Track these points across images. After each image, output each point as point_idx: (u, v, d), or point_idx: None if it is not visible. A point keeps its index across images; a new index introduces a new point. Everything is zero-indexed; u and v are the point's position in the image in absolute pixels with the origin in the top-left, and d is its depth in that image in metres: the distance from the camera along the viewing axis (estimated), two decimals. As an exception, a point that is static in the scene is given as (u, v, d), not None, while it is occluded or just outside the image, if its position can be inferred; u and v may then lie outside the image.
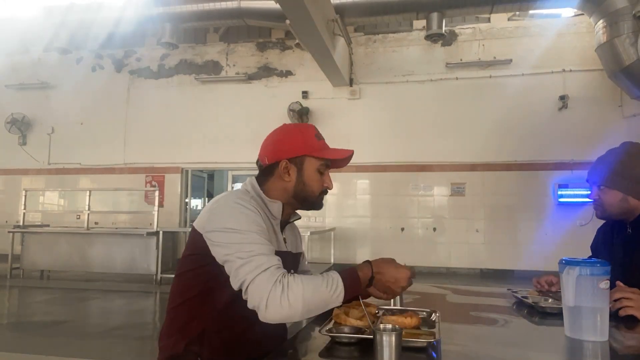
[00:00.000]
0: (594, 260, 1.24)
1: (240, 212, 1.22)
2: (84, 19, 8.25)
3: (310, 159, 1.37)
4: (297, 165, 1.36)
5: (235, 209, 1.23)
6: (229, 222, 1.20)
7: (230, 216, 1.21)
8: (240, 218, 1.20)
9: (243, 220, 1.20)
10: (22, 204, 7.80)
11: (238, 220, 1.20)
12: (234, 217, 1.21)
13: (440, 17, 7.15)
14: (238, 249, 1.15)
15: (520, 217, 8.01)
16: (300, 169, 1.36)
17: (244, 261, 1.13)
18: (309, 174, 1.37)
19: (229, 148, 8.89)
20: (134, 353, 3.92)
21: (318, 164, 1.38)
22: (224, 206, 1.25)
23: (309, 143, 1.37)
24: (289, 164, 1.35)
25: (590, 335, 1.20)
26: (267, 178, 1.39)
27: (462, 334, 1.35)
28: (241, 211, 1.22)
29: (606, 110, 7.80)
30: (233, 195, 1.29)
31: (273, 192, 1.38)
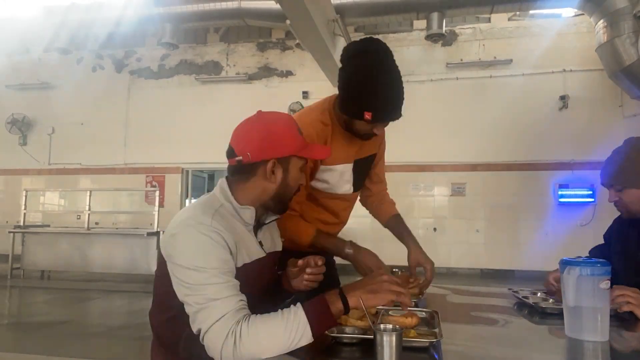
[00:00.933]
0: (594, 261, 1.24)
1: (202, 246, 1.11)
2: (84, 19, 8.26)
3: (295, 158, 1.25)
4: (283, 166, 1.23)
5: (198, 242, 1.12)
6: (190, 258, 1.10)
7: (192, 252, 1.11)
8: (201, 255, 1.10)
9: (204, 257, 1.10)
10: (23, 204, 7.81)
11: (199, 257, 1.10)
12: (196, 252, 1.11)
13: (441, 17, 7.15)
14: (195, 291, 1.07)
15: (520, 217, 8.01)
16: (286, 170, 1.24)
17: (200, 307, 1.06)
18: (294, 175, 1.26)
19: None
20: (134, 353, 3.92)
21: (301, 163, 1.28)
22: (187, 237, 1.13)
23: (296, 141, 1.24)
24: (276, 164, 1.21)
25: (591, 335, 1.20)
26: (245, 178, 1.24)
27: (463, 334, 1.35)
28: (204, 245, 1.11)
29: (606, 110, 7.80)
30: (193, 217, 1.16)
31: (247, 195, 1.24)
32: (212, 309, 1.05)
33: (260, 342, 1.02)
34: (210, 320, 1.04)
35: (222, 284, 1.08)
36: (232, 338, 1.01)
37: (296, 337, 1.03)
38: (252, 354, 1.02)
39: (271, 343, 1.02)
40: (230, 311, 1.05)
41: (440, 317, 1.32)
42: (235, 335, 1.02)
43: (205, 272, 1.08)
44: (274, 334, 1.02)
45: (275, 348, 1.02)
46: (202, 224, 1.13)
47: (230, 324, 1.03)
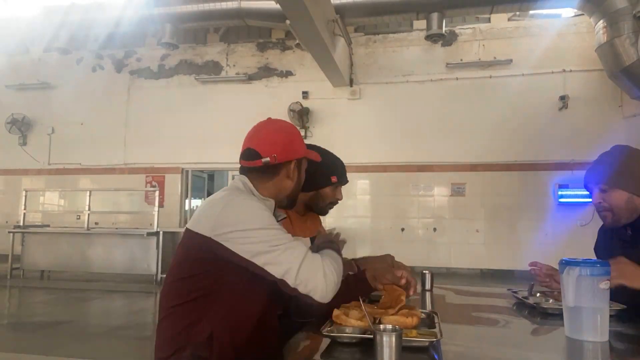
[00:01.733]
0: (594, 261, 1.24)
1: (256, 209, 1.22)
2: (84, 19, 8.26)
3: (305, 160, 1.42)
4: (298, 166, 1.38)
5: (249, 207, 1.22)
6: (250, 220, 1.19)
7: (249, 214, 1.20)
8: (259, 214, 1.21)
9: (262, 217, 1.21)
10: (23, 204, 7.81)
11: (258, 217, 1.21)
12: (253, 214, 1.21)
13: (441, 17, 7.15)
14: (273, 240, 1.17)
15: (520, 218, 8.01)
16: (300, 170, 1.40)
17: (284, 248, 1.17)
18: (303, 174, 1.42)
19: (229, 148, 8.78)
20: (134, 353, 3.92)
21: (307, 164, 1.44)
22: (237, 206, 1.22)
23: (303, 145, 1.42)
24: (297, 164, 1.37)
25: (590, 335, 1.20)
26: (268, 177, 1.34)
27: (463, 334, 1.35)
28: (256, 208, 1.23)
29: (606, 111, 7.80)
30: (235, 195, 1.26)
31: (268, 192, 1.35)
32: (297, 248, 1.19)
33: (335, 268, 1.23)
34: (301, 256, 1.18)
35: (286, 233, 1.23)
36: (322, 270, 1.18)
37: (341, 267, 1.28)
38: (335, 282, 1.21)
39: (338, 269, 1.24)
40: (308, 248, 1.23)
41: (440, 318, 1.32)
42: (323, 267, 1.19)
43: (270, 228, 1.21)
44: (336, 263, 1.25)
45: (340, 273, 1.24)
46: (244, 195, 1.28)
47: (317, 257, 1.21)
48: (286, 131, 1.38)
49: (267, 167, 1.32)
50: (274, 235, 1.18)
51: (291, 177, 1.36)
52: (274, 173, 1.34)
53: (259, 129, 1.39)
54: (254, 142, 1.36)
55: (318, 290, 1.15)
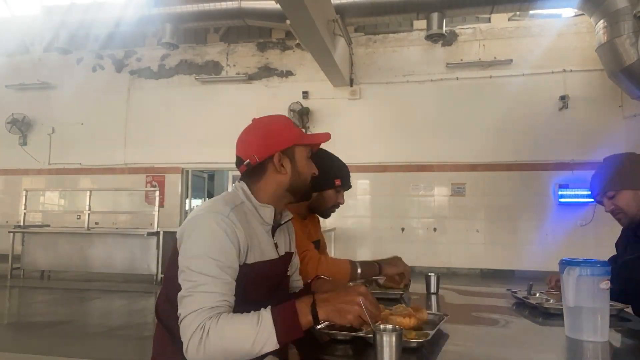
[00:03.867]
0: (594, 261, 1.24)
1: (211, 235, 1.15)
2: (84, 19, 8.26)
3: (299, 147, 1.33)
4: (289, 157, 1.31)
5: (209, 229, 1.16)
6: (196, 244, 1.15)
7: (200, 237, 1.16)
8: (208, 242, 1.14)
9: (210, 245, 1.13)
10: (23, 204, 7.80)
11: (205, 244, 1.14)
12: (203, 239, 1.15)
13: (441, 17, 7.15)
14: (188, 277, 1.11)
15: (520, 218, 8.01)
16: (293, 160, 1.32)
17: (186, 293, 1.10)
18: (302, 163, 1.33)
19: (229, 148, 8.71)
20: (134, 353, 3.92)
21: (306, 151, 1.35)
22: (201, 222, 1.18)
23: (294, 132, 1.33)
24: (282, 156, 1.29)
25: (591, 335, 1.20)
26: (258, 177, 1.31)
27: (463, 335, 1.35)
28: (214, 234, 1.15)
29: (606, 111, 7.80)
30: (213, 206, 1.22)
31: (265, 192, 1.31)
32: (194, 299, 1.08)
33: (224, 343, 1.03)
34: (188, 310, 1.07)
35: (214, 278, 1.10)
36: (200, 333, 1.03)
37: (260, 342, 1.03)
38: (214, 353, 1.03)
39: (235, 345, 1.03)
40: (207, 307, 1.07)
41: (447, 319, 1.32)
42: (202, 330, 1.03)
43: (204, 260, 1.12)
44: (239, 336, 1.03)
45: (238, 350, 1.03)
46: (219, 213, 1.18)
47: (202, 318, 1.05)
48: (262, 127, 1.33)
49: (253, 169, 1.30)
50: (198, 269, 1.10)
51: (280, 170, 1.29)
52: (262, 172, 1.31)
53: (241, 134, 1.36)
54: (237, 148, 1.35)
55: (184, 351, 1.04)
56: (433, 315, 1.40)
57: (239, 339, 1.03)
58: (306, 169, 1.34)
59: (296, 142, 1.31)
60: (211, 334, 1.03)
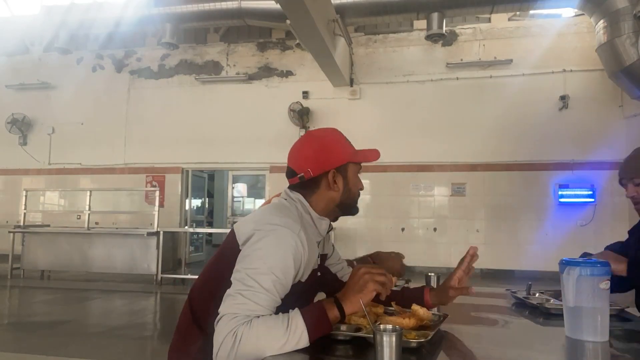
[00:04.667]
0: (594, 261, 1.24)
1: (282, 248, 1.15)
2: (84, 19, 8.26)
3: (351, 164, 1.35)
4: (342, 174, 1.32)
5: (282, 242, 1.16)
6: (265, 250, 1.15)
7: (271, 246, 1.15)
8: (274, 253, 1.15)
9: (274, 257, 1.14)
10: (23, 204, 7.81)
11: (272, 254, 1.14)
12: (273, 248, 1.15)
13: (441, 17, 7.15)
14: (241, 279, 1.12)
15: (520, 218, 8.01)
16: (346, 177, 1.33)
17: (232, 291, 1.11)
18: (353, 180, 1.35)
19: (229, 148, 8.89)
20: (134, 353, 3.92)
21: (357, 168, 1.37)
22: (272, 235, 1.17)
23: (348, 149, 1.35)
24: (336, 174, 1.31)
25: (591, 335, 1.20)
26: (311, 191, 1.31)
27: (463, 335, 1.35)
28: (285, 247, 1.16)
29: (606, 110, 7.80)
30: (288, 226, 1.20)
31: (317, 206, 1.32)
32: (237, 303, 1.09)
33: (258, 345, 1.04)
34: (227, 310, 1.08)
35: (266, 292, 1.11)
36: (232, 338, 1.04)
37: (293, 341, 1.06)
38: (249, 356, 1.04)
39: (269, 346, 1.05)
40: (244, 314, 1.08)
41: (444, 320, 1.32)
42: (235, 336, 1.04)
43: (264, 271, 1.12)
44: (272, 337, 1.05)
45: (272, 351, 1.05)
46: (293, 230, 1.19)
47: (236, 324, 1.06)
48: (318, 142, 1.34)
49: (306, 183, 1.31)
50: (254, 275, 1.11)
51: (333, 187, 1.30)
52: (315, 187, 1.31)
53: (295, 144, 1.38)
54: (290, 159, 1.35)
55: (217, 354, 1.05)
56: (433, 315, 1.40)
57: (272, 340, 1.05)
58: (356, 186, 1.36)
59: (350, 159, 1.34)
60: (243, 340, 1.04)
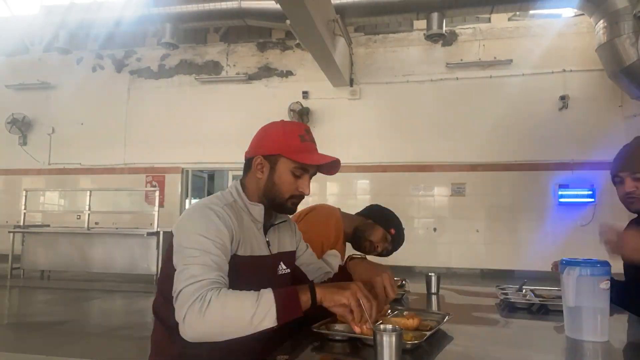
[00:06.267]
0: (594, 261, 1.24)
1: (205, 216, 1.21)
2: (84, 19, 8.27)
3: (284, 159, 1.32)
4: (270, 164, 1.33)
5: (202, 212, 1.22)
6: (191, 226, 1.20)
7: (195, 221, 1.21)
8: (202, 223, 1.20)
9: (204, 226, 1.19)
10: (23, 204, 7.80)
11: (199, 225, 1.19)
12: (197, 222, 1.20)
13: (441, 17, 7.15)
14: (184, 254, 1.15)
15: (520, 218, 8.01)
16: (273, 168, 1.33)
17: (182, 268, 1.12)
18: (280, 175, 1.32)
19: (229, 148, 8.87)
20: (134, 353, 3.92)
21: (292, 166, 1.32)
22: (195, 210, 1.25)
23: (287, 143, 1.32)
24: (263, 161, 1.33)
25: (590, 335, 1.20)
26: (245, 173, 1.40)
27: (463, 334, 1.35)
28: (209, 217, 1.21)
29: (606, 111, 7.80)
30: (207, 200, 1.30)
31: (250, 190, 1.37)
32: (192, 271, 1.10)
33: (225, 312, 1.04)
34: (190, 280, 1.08)
35: (209, 253, 1.14)
36: (199, 303, 1.04)
37: (260, 315, 1.04)
38: (215, 322, 1.04)
39: (235, 315, 1.05)
40: (206, 280, 1.08)
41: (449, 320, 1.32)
42: (203, 300, 1.04)
43: (200, 237, 1.16)
44: (240, 307, 1.05)
45: (238, 322, 1.05)
46: (213, 204, 1.25)
47: (202, 290, 1.06)
48: (265, 128, 1.39)
49: (245, 163, 1.41)
50: (194, 246, 1.14)
51: (256, 173, 1.35)
52: (247, 169, 1.39)
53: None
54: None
55: (180, 324, 1.05)
56: (435, 314, 1.40)
57: (240, 309, 1.05)
58: (284, 182, 1.32)
59: (282, 153, 1.31)
60: (211, 304, 1.04)
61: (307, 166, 1.33)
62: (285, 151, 1.31)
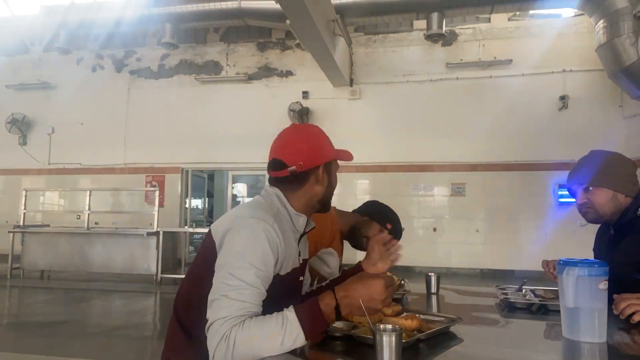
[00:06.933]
0: (593, 261, 1.23)
1: (256, 241, 1.15)
2: (84, 19, 8.26)
3: (334, 162, 1.38)
4: (328, 170, 1.35)
5: (255, 235, 1.16)
6: (239, 246, 1.15)
7: (245, 241, 1.15)
8: (250, 247, 1.14)
9: (252, 251, 1.14)
10: (23, 204, 7.81)
11: (248, 248, 1.14)
12: (248, 243, 1.15)
13: (441, 17, 7.15)
14: (223, 279, 1.11)
15: (520, 218, 8.01)
16: (330, 173, 1.36)
17: (216, 295, 1.10)
18: (334, 177, 1.39)
19: (229, 148, 8.89)
20: (134, 353, 3.92)
21: (338, 166, 1.41)
22: (247, 228, 1.17)
23: (333, 147, 1.38)
24: (324, 169, 1.33)
25: (588, 336, 1.20)
26: (298, 186, 1.31)
27: (463, 335, 1.35)
28: (259, 240, 1.15)
29: (606, 111, 7.80)
30: (258, 212, 1.22)
31: (300, 201, 1.32)
32: (224, 305, 1.08)
33: (253, 347, 1.04)
34: (216, 316, 1.07)
35: (250, 287, 1.10)
36: (225, 343, 1.03)
37: (289, 340, 1.05)
38: (245, 358, 1.03)
39: (264, 347, 1.04)
40: (234, 315, 1.07)
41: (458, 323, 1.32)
42: (228, 340, 1.03)
43: (243, 266, 1.12)
44: (266, 337, 1.04)
45: (267, 352, 1.04)
46: (265, 221, 1.19)
47: (227, 327, 1.05)
48: (311, 137, 1.34)
49: (295, 176, 1.29)
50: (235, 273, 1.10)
51: (321, 182, 1.32)
52: (303, 181, 1.31)
53: (283, 137, 1.35)
54: (279, 152, 1.32)
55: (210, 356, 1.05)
56: (444, 318, 1.39)
57: (266, 340, 1.04)
58: (336, 182, 1.40)
59: (335, 157, 1.37)
60: (237, 343, 1.03)
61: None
62: (336, 155, 1.37)
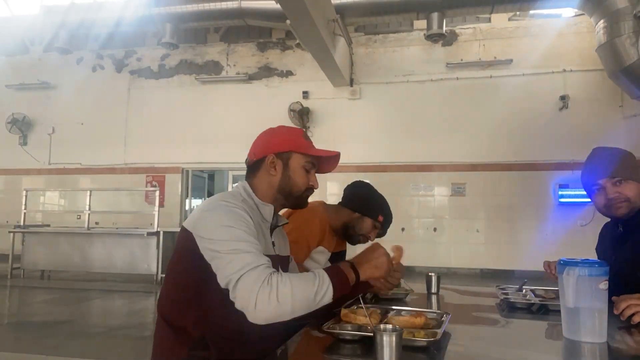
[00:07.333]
0: (593, 261, 1.23)
1: (230, 210, 1.22)
2: (84, 19, 8.26)
3: (296, 155, 1.40)
4: (283, 160, 1.39)
5: (226, 206, 1.24)
6: (219, 218, 1.20)
7: (221, 213, 1.22)
8: (230, 215, 1.21)
9: (233, 218, 1.20)
10: (23, 204, 7.80)
11: (228, 217, 1.20)
12: (225, 214, 1.21)
13: (441, 17, 7.15)
14: (225, 246, 1.15)
15: (520, 218, 8.01)
16: (287, 164, 1.39)
17: (231, 257, 1.13)
18: (295, 170, 1.39)
19: (229, 148, 8.86)
20: (134, 353, 3.92)
21: (304, 161, 1.40)
22: (215, 204, 1.26)
23: (295, 140, 1.41)
24: (275, 159, 1.38)
25: (589, 336, 1.20)
26: (254, 174, 1.41)
27: (463, 334, 1.35)
28: (231, 209, 1.23)
29: (607, 110, 7.80)
30: (224, 196, 1.31)
31: (260, 191, 1.39)
32: (245, 259, 1.12)
33: (293, 293, 1.10)
34: (246, 268, 1.11)
35: (252, 243, 1.17)
36: (268, 288, 1.08)
37: (321, 293, 1.14)
38: (286, 305, 1.09)
39: (302, 295, 1.12)
40: (261, 265, 1.13)
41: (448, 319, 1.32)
42: (271, 282, 1.09)
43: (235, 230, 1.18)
44: (304, 288, 1.13)
45: (305, 301, 1.12)
46: (232, 202, 1.27)
47: (267, 273, 1.11)
48: (270, 132, 1.44)
49: (252, 166, 1.42)
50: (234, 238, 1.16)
51: (270, 171, 1.37)
52: (256, 170, 1.41)
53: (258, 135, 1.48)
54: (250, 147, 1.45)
55: (249, 310, 1.08)
56: (435, 313, 1.40)
57: (305, 290, 1.12)
58: (299, 177, 1.40)
59: (293, 149, 1.39)
60: (280, 288, 1.09)
61: (315, 159, 1.42)
62: (297, 147, 1.40)
